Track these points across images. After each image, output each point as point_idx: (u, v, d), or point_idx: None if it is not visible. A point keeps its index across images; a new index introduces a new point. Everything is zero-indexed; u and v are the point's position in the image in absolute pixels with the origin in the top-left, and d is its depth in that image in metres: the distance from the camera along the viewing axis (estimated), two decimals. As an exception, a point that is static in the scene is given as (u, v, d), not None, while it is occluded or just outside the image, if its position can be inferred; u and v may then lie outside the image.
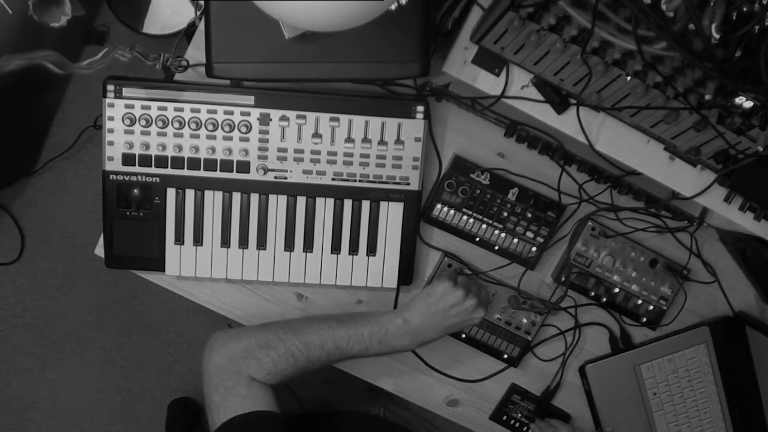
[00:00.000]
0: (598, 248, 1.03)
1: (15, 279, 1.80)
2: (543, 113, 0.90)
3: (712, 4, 0.68)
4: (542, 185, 1.02)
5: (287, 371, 0.86)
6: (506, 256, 1.03)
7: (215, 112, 0.92)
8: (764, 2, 0.68)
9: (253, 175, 0.95)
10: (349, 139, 0.94)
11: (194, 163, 0.94)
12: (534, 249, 1.02)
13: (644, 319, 1.06)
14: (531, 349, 1.07)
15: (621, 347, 1.08)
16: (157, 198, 0.95)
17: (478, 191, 1.00)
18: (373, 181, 0.97)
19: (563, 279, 1.04)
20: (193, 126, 0.92)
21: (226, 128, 0.93)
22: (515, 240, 1.02)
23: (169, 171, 0.94)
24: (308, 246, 0.98)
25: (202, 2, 0.84)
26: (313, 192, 0.96)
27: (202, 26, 0.86)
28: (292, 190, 0.96)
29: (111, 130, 0.92)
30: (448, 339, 1.02)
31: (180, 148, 0.93)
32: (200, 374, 0.87)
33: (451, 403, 1.08)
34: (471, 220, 1.01)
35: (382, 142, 0.95)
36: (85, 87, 1.74)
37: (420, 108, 0.94)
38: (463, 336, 1.04)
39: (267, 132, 0.93)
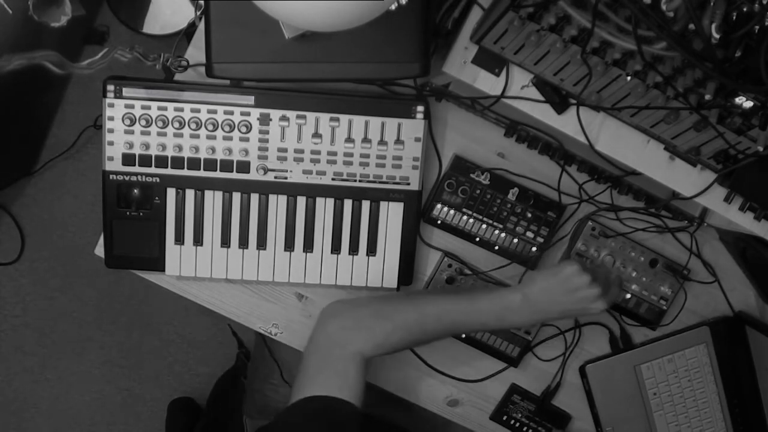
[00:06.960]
0: (598, 248, 1.03)
1: (15, 279, 1.80)
2: (543, 113, 0.90)
3: (712, 4, 0.68)
4: (542, 185, 1.02)
5: (397, 344, 0.84)
6: (506, 256, 1.03)
7: (215, 112, 0.92)
8: (764, 2, 0.68)
9: (253, 175, 0.95)
10: (349, 139, 0.94)
11: (194, 163, 0.94)
12: (534, 249, 1.02)
13: (644, 319, 1.06)
14: (531, 349, 1.07)
15: (621, 347, 1.08)
16: (157, 198, 0.95)
17: (478, 191, 1.00)
18: (373, 181, 0.97)
19: (563, 279, 1.04)
20: (193, 126, 0.92)
21: (226, 128, 0.93)
22: (515, 240, 1.02)
23: (169, 171, 0.94)
24: (308, 246, 0.98)
25: (202, 2, 0.84)
26: (313, 192, 0.96)
27: (202, 26, 0.86)
28: (292, 190, 0.96)
29: (111, 130, 0.92)
30: (448, 339, 1.01)
31: (180, 148, 0.93)
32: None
33: (451, 403, 1.08)
34: (471, 220, 1.01)
35: (382, 142, 0.95)
36: (85, 87, 1.74)
37: (420, 108, 0.94)
38: (463, 336, 1.04)
39: (267, 132, 0.93)
